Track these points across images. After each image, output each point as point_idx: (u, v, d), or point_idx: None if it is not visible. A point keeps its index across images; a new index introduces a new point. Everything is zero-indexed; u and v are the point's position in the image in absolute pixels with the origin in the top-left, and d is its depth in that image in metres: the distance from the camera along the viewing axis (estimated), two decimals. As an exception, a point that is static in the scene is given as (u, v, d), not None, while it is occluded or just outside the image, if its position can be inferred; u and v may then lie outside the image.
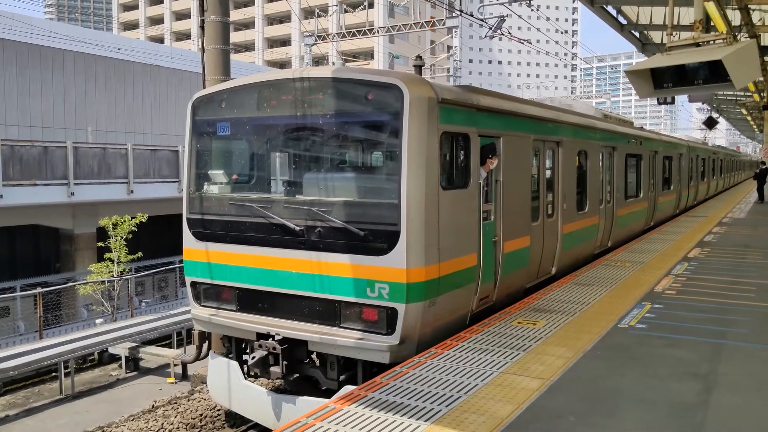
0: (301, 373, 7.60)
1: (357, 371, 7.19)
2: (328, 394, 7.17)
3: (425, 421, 4.78)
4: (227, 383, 8.11)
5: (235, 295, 7.87)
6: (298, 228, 7.23)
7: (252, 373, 7.72)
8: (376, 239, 6.80)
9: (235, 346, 8.22)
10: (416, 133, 6.70)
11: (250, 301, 7.74)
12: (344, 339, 6.92)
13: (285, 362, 7.27)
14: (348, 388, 6.49)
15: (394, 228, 6.68)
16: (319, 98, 7.37)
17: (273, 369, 7.37)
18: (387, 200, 6.91)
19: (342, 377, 7.25)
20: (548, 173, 10.30)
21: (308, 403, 6.94)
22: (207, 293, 8.21)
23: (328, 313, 7.14)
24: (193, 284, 8.33)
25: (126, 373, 13.50)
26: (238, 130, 8.30)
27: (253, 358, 7.32)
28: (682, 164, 21.64)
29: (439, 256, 6.97)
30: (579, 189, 11.52)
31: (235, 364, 8.06)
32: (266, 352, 7.30)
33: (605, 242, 13.39)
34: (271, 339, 7.30)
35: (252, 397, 7.83)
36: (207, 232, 8.15)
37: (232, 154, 8.98)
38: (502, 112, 8.65)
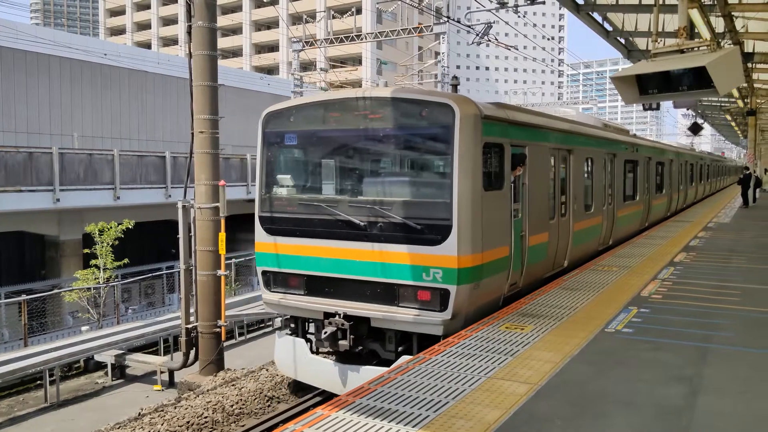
0: (364, 346, 8.77)
1: (412, 343, 8.46)
2: (386, 364, 8.37)
3: (413, 426, 4.78)
4: (293, 358, 9.50)
5: (303, 282, 9.16)
6: (362, 223, 8.58)
7: (316, 349, 9.41)
8: (431, 232, 8.15)
9: (300, 327, 9.60)
10: (465, 144, 8.09)
11: (317, 286, 9.03)
12: (403, 316, 8.23)
13: (351, 336, 8.55)
14: (405, 358, 7.65)
15: (447, 222, 8.04)
16: (380, 114, 8.80)
17: (341, 342, 8.62)
18: (440, 199, 8.33)
19: (399, 349, 8.53)
20: (562, 178, 11.54)
21: (370, 371, 8.19)
22: (276, 280, 9.49)
23: (388, 294, 8.44)
24: (264, 273, 9.61)
25: (112, 380, 13.38)
26: (306, 141, 9.71)
27: (325, 333, 8.57)
28: (673, 169, 22.81)
29: (482, 246, 8.32)
30: (586, 192, 12.86)
31: (301, 341, 9.47)
32: (335, 328, 8.59)
33: (607, 240, 14.59)
34: (338, 317, 8.60)
35: (320, 369, 9.22)
36: (277, 228, 9.44)
37: (300, 162, 10.17)
38: (528, 125, 10.12)
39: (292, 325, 9.69)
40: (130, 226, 18.70)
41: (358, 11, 52.31)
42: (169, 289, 21.92)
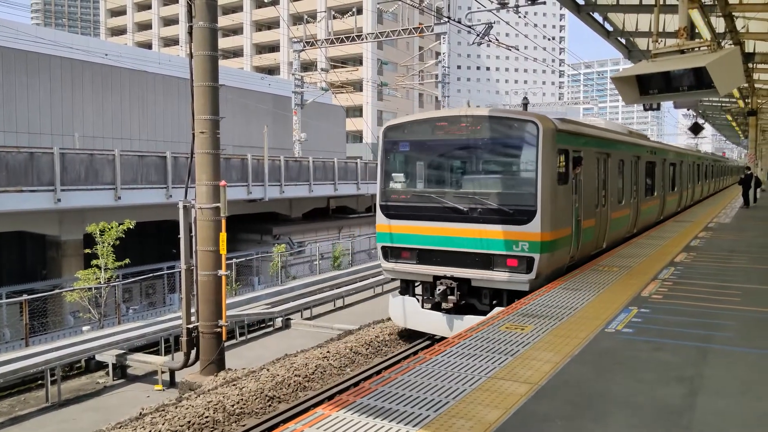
0: (466, 300, 11.61)
1: (502, 298, 11.30)
2: (482, 314, 11.05)
3: (414, 426, 4.79)
4: (404, 312, 12.63)
5: (416, 254, 12.02)
6: (464, 209, 11.44)
7: (424, 304, 12.31)
8: (520, 215, 10.93)
9: (411, 288, 12.68)
10: (545, 150, 10.88)
11: (428, 256, 11.85)
12: (499, 277, 11.10)
13: (458, 293, 11.45)
14: (498, 309, 10.41)
15: (533, 208, 10.83)
16: (480, 127, 11.66)
17: (450, 297, 11.51)
18: (527, 191, 11.04)
19: (493, 302, 11.40)
20: (602, 176, 14.07)
21: (471, 319, 10.90)
22: (393, 253, 12.38)
23: (485, 261, 11.23)
24: (383, 248, 12.53)
25: (113, 380, 13.38)
26: (417, 147, 12.67)
27: (439, 290, 11.49)
28: (683, 169, 25.31)
29: (555, 226, 11.09)
30: (619, 188, 15.41)
31: (412, 299, 12.54)
32: (445, 287, 11.47)
33: (632, 229, 17.02)
34: (445, 280, 11.51)
35: (431, 319, 12.09)
36: (395, 213, 12.36)
37: (412, 163, 12.92)
38: (582, 134, 13.01)
39: (404, 287, 12.83)
40: (131, 227, 18.70)
41: (359, 11, 52.24)
42: (170, 289, 21.93)
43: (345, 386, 11.01)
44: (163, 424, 9.48)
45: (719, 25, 15.77)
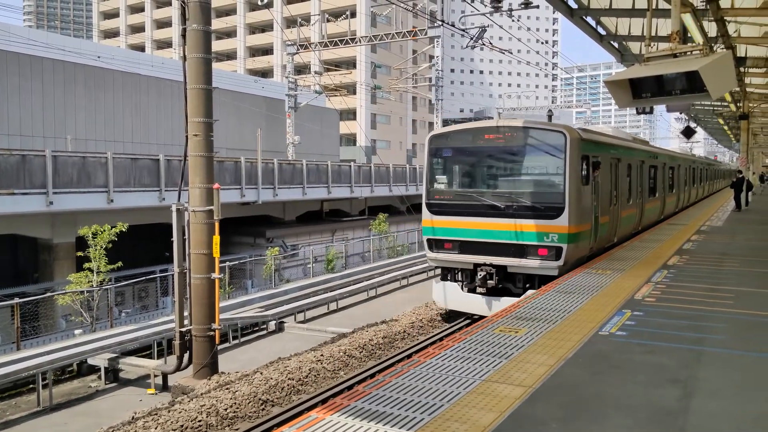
0: (502, 285, 13.45)
1: (534, 283, 12.94)
2: (516, 296, 12.70)
3: (408, 430, 4.78)
4: (444, 295, 14.61)
5: (458, 245, 13.86)
6: (501, 206, 13.26)
7: (464, 288, 14.25)
8: (550, 211, 12.77)
9: (449, 274, 14.67)
10: (572, 156, 12.75)
11: (468, 247, 13.71)
12: (532, 264, 12.96)
13: (496, 278, 13.29)
14: (530, 291, 11.71)
15: (561, 205, 12.68)
16: (514, 136, 13.53)
17: (489, 282, 13.34)
18: (556, 191, 12.88)
19: (526, 286, 13.11)
20: (614, 178, 15.75)
21: (507, 300, 12.56)
22: (437, 245, 14.22)
23: (519, 251, 13.09)
24: (428, 240, 14.37)
25: (105, 384, 13.30)
26: (459, 153, 14.56)
27: (480, 276, 13.34)
28: (681, 173, 27.06)
29: (580, 221, 12.95)
30: (627, 189, 17.12)
31: (453, 283, 14.48)
32: (485, 273, 13.33)
33: (638, 226, 18.76)
34: (484, 266, 13.39)
35: (472, 301, 14.03)
36: (439, 210, 14.22)
37: (455, 167, 14.84)
38: (599, 142, 14.91)
39: (446, 274, 14.75)
40: (124, 229, 18.61)
41: (353, 14, 52.25)
42: (162, 292, 21.81)
43: (339, 389, 10.98)
44: (155, 429, 9.44)
45: (711, 29, 15.87)
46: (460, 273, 14.39)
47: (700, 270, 11.86)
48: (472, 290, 14.10)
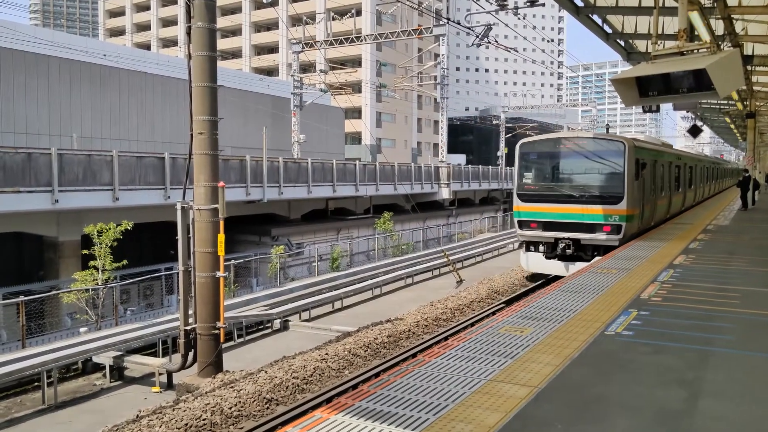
0: (576, 253, 17.62)
1: (601, 251, 16.87)
2: (587, 261, 16.54)
3: (412, 430, 4.75)
4: (527, 261, 19.08)
5: (542, 224, 18.15)
6: (576, 195, 17.65)
7: (546, 255, 18.32)
8: (613, 199, 17.01)
9: (533, 246, 18.79)
10: (628, 159, 17.07)
11: (550, 226, 18.01)
12: (599, 237, 17.20)
13: (573, 248, 17.56)
14: (597, 258, 15.73)
15: (621, 194, 16.93)
16: (586, 144, 18.15)
17: (568, 252, 17.63)
18: (618, 183, 17.13)
19: (594, 254, 17.12)
20: (652, 176, 19.75)
21: (580, 264, 16.19)
22: (526, 225, 18.56)
23: (589, 228, 17.30)
24: (519, 221, 18.79)
25: (110, 382, 13.32)
26: (543, 155, 19.10)
27: (561, 247, 17.69)
28: (697, 171, 30.99)
29: (633, 206, 17.20)
30: (661, 183, 21.17)
31: (536, 253, 18.67)
32: (564, 245, 17.63)
33: (667, 213, 22.80)
34: (563, 240, 17.69)
35: (553, 265, 18.17)
36: (527, 198, 18.56)
37: (540, 166, 19.22)
38: (644, 148, 19.29)
39: (531, 246, 18.89)
40: (129, 228, 18.64)
41: (358, 13, 52.25)
42: (167, 290, 21.87)
43: (343, 389, 10.97)
44: (160, 427, 9.44)
45: (718, 27, 15.76)
46: (541, 245, 18.55)
47: (707, 269, 11.79)
48: (552, 258, 18.22)
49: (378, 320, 16.14)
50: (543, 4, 30.95)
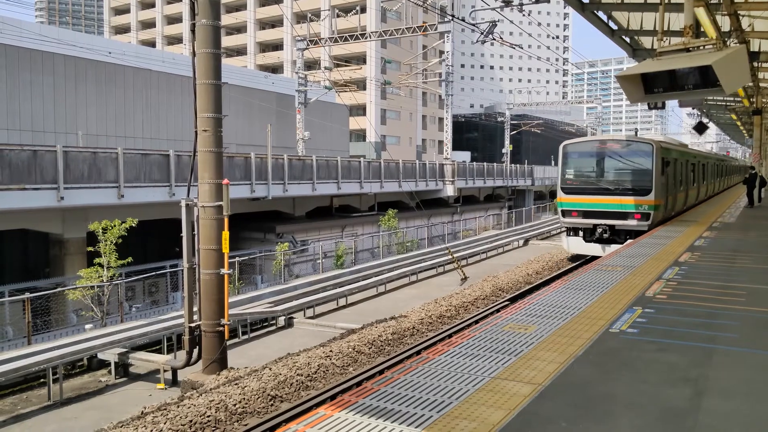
0: (611, 237, 20.65)
1: (633, 235, 19.36)
2: (620, 243, 19.74)
3: (416, 427, 4.75)
4: (567, 244, 22.55)
5: (582, 213, 21.20)
6: (612, 188, 20.82)
7: (585, 239, 21.58)
8: (643, 191, 20.15)
9: (573, 232, 22.01)
10: (656, 157, 20.16)
11: (589, 214, 21.04)
12: (631, 223, 20.37)
13: (609, 233, 20.81)
14: (629, 241, 18.08)
15: (649, 187, 20.09)
16: (620, 146, 21.28)
17: (604, 236, 20.76)
18: (648, 178, 20.15)
19: (627, 237, 19.84)
20: (674, 172, 22.38)
21: (615, 246, 19.38)
22: (567, 213, 21.67)
23: (622, 216, 20.48)
24: (562, 210, 21.87)
25: (115, 378, 13.37)
26: (584, 155, 22.18)
27: (598, 232, 20.89)
28: (708, 168, 33.84)
29: (659, 197, 20.27)
30: (680, 178, 23.80)
31: (576, 237, 21.84)
32: (602, 230, 20.82)
33: (684, 207, 25.22)
34: (600, 225, 20.85)
35: (591, 247, 21.27)
36: (569, 190, 21.69)
37: (581, 164, 22.16)
38: (668, 149, 21.95)
39: (571, 232, 22.20)
40: (134, 225, 18.68)
41: (363, 10, 52.13)
42: (172, 287, 21.92)
43: (347, 386, 10.97)
44: (165, 423, 9.47)
45: (724, 23, 15.69)
46: (581, 231, 21.62)
47: (713, 267, 11.74)
48: (590, 241, 21.29)
49: (382, 317, 16.15)
50: (548, 1, 30.82)
